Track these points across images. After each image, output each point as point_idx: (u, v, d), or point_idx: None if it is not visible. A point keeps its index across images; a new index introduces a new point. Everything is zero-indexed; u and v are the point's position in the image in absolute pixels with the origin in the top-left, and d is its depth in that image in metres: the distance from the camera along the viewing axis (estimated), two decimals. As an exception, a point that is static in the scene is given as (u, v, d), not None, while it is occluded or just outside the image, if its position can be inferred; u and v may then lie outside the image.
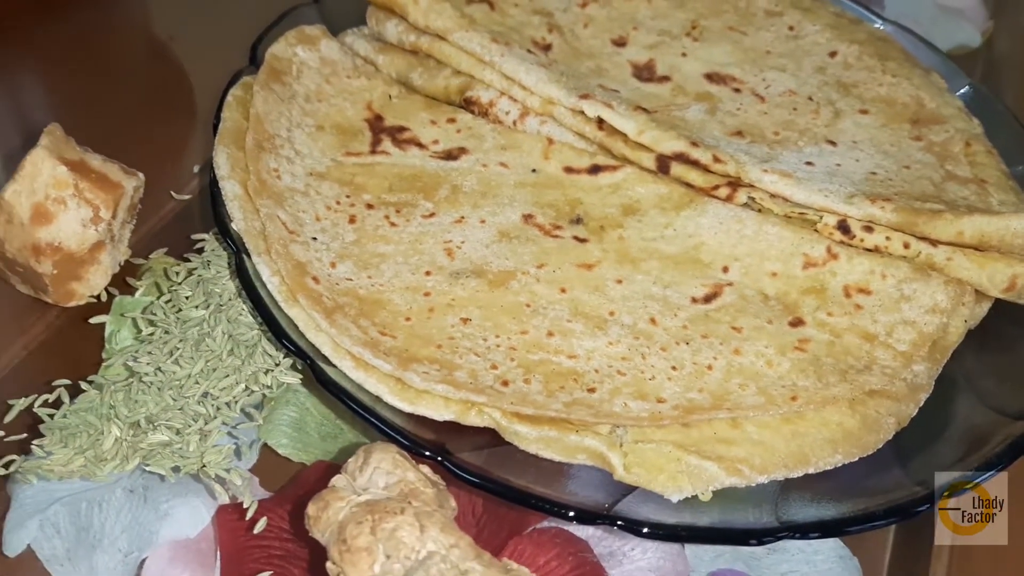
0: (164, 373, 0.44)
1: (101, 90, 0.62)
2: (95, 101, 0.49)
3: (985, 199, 0.53)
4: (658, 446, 0.42)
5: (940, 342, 0.48)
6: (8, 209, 0.43)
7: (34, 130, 0.60)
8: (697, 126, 0.56)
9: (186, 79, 0.64)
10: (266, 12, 0.59)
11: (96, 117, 0.49)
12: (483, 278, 0.48)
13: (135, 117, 0.60)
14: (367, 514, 0.34)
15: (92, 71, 0.65)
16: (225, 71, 0.55)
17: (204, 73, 0.62)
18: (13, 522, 0.43)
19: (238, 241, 0.46)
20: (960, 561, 0.44)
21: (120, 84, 0.63)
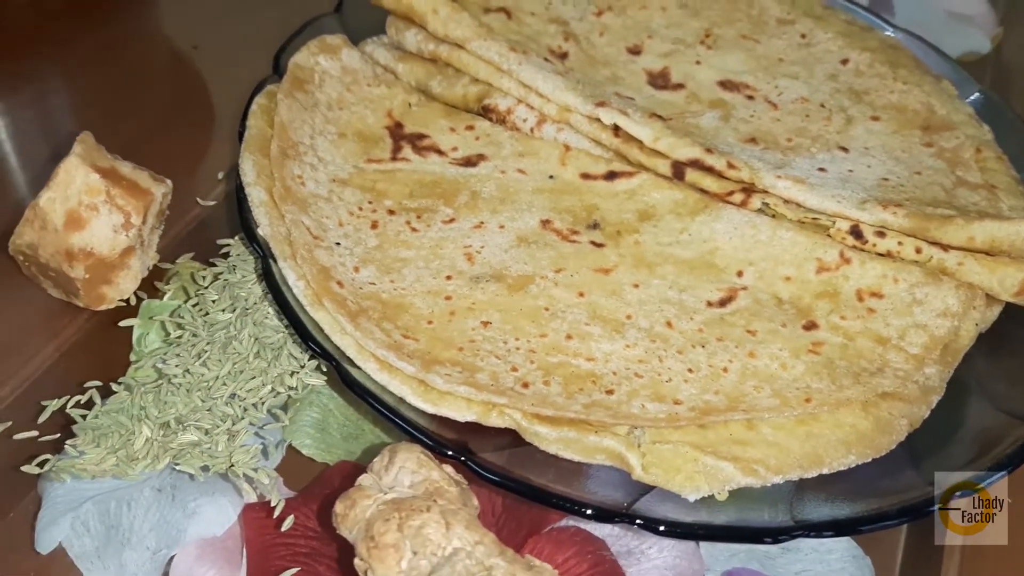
0: (192, 375, 0.45)
1: (129, 99, 0.63)
2: (123, 110, 0.50)
3: (996, 204, 0.53)
4: (675, 447, 0.43)
5: (952, 345, 0.48)
6: (43, 216, 0.44)
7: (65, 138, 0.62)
8: (711, 133, 0.57)
9: (210, 88, 0.65)
10: (288, 22, 0.60)
11: (124, 125, 0.50)
12: (503, 282, 0.49)
13: (162, 125, 0.61)
14: (394, 511, 0.35)
15: (120, 81, 0.66)
16: (248, 80, 0.56)
17: (227, 82, 0.63)
18: (45, 520, 0.44)
19: (264, 246, 0.47)
20: (971, 561, 0.45)
21: (147, 93, 0.65)
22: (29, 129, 0.62)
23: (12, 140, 0.61)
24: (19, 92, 0.64)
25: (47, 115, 0.64)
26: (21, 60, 0.66)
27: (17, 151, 0.60)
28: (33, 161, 0.60)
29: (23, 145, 0.61)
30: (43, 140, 0.62)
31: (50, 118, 0.65)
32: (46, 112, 0.65)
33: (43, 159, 0.60)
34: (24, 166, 0.60)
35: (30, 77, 0.65)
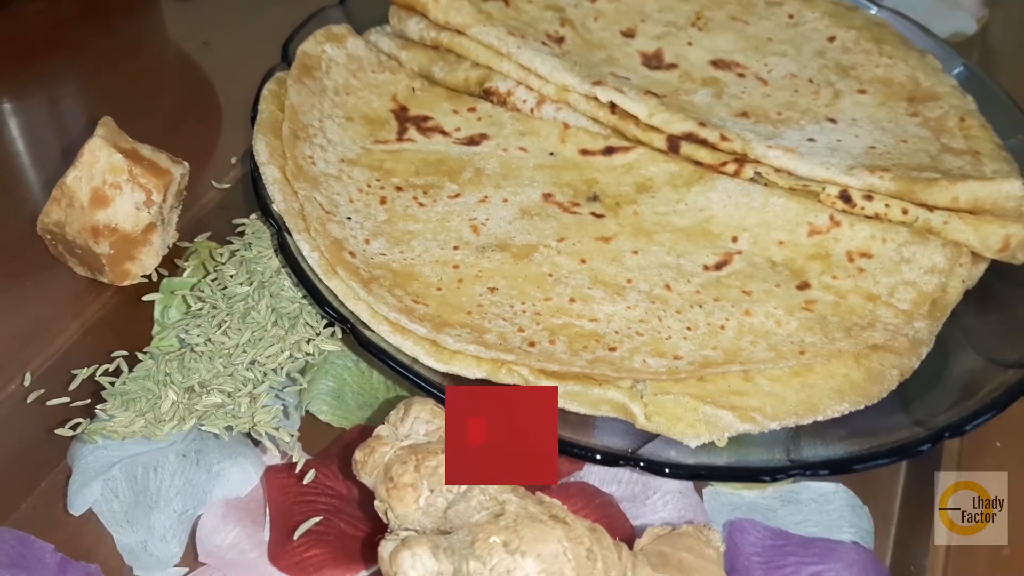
0: (214, 343, 0.47)
1: (142, 97, 0.66)
2: (136, 107, 0.52)
3: (979, 168, 0.56)
4: (676, 397, 0.45)
5: (939, 301, 0.50)
6: (69, 194, 0.46)
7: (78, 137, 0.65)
8: (704, 109, 0.60)
9: (221, 81, 0.68)
10: (293, 18, 0.62)
11: (138, 121, 0.52)
12: (507, 251, 0.51)
13: (175, 118, 0.64)
14: (411, 455, 0.38)
15: (132, 80, 0.68)
16: (256, 73, 0.59)
17: (237, 75, 0.66)
18: (77, 484, 0.46)
19: (279, 221, 0.49)
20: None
21: (159, 89, 0.67)
22: (43, 130, 0.65)
23: (26, 140, 0.63)
24: (34, 95, 0.67)
25: (61, 116, 0.67)
26: (36, 64, 0.68)
27: (32, 151, 0.63)
28: (47, 161, 0.62)
29: (37, 145, 0.63)
30: (57, 140, 0.65)
31: (64, 119, 0.67)
32: (60, 113, 0.67)
33: (56, 159, 0.62)
34: (38, 165, 0.62)
35: (44, 80, 0.67)
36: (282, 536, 0.44)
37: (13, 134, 0.64)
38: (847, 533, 0.46)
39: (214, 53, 0.70)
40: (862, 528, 0.46)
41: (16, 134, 0.64)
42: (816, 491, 0.48)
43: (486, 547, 0.34)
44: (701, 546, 0.38)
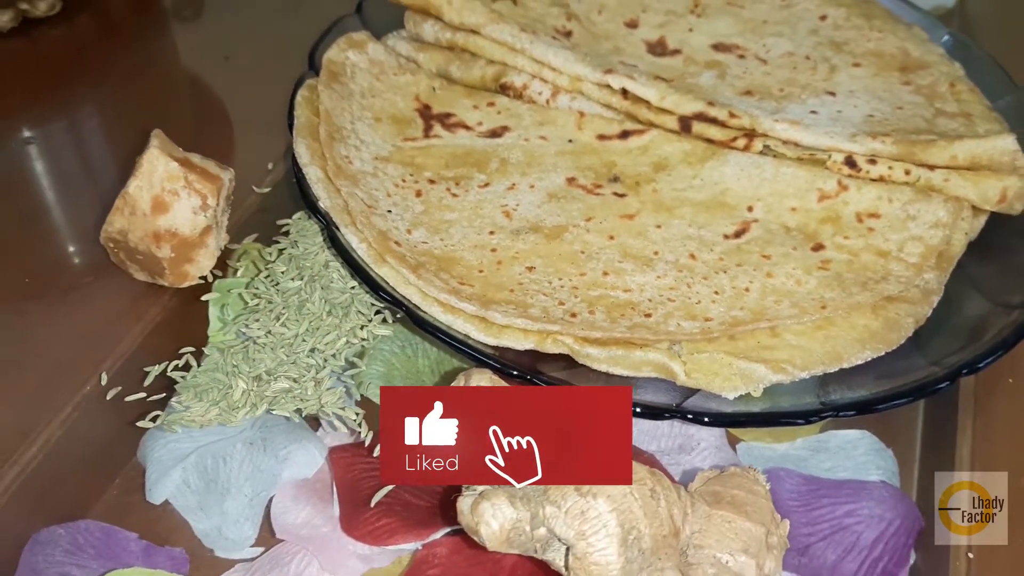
0: (274, 335, 0.50)
1: (166, 113, 0.69)
2: (161, 124, 0.55)
3: (972, 129, 0.59)
4: (711, 355, 0.48)
5: (945, 252, 0.54)
6: (132, 202, 0.49)
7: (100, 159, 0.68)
8: (710, 90, 0.63)
9: (244, 90, 0.71)
10: (304, 30, 0.66)
11: (173, 130, 0.55)
12: (540, 233, 0.54)
13: (207, 126, 0.67)
14: (479, 417, 0.41)
15: (154, 98, 0.71)
16: (279, 82, 0.62)
17: (262, 85, 0.69)
18: (155, 475, 0.49)
19: (327, 217, 0.52)
20: (982, 440, 0.50)
21: (188, 100, 0.70)
22: (66, 154, 0.67)
23: (49, 164, 0.66)
24: (56, 119, 0.70)
25: (83, 139, 0.70)
26: (60, 88, 0.71)
27: (54, 175, 0.66)
28: (71, 184, 0.65)
29: (60, 169, 0.66)
30: (79, 164, 0.67)
31: (86, 142, 0.70)
32: (82, 137, 0.70)
33: (81, 182, 0.65)
34: (60, 188, 0.65)
35: (66, 106, 0.70)
36: (353, 509, 0.47)
37: (48, 156, 0.66)
38: (874, 474, 0.50)
39: (237, 65, 0.73)
40: (888, 469, 0.50)
41: (51, 155, 0.67)
42: (842, 439, 0.52)
43: (559, 492, 0.37)
44: (750, 484, 0.41)
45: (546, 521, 0.37)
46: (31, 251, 0.57)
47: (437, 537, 0.46)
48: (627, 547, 0.36)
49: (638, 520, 0.37)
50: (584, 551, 0.36)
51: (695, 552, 0.38)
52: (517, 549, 0.38)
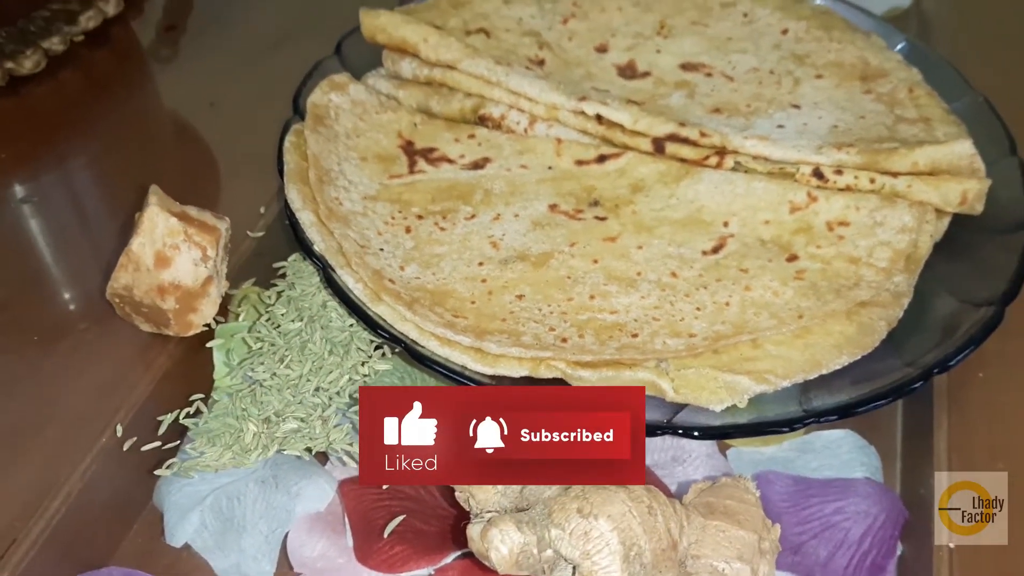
0: (279, 376, 0.53)
1: (163, 156, 0.71)
2: (161, 166, 0.57)
3: (932, 133, 0.62)
4: (698, 370, 0.51)
5: (913, 255, 0.57)
6: (135, 259, 0.51)
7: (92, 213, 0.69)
8: (681, 110, 0.66)
9: (231, 136, 0.73)
10: (287, 71, 0.68)
11: (166, 180, 0.57)
12: (527, 261, 0.57)
13: (198, 173, 0.69)
14: (482, 448, 0.43)
15: (142, 149, 0.73)
16: (264, 127, 0.64)
17: (247, 131, 0.71)
18: (174, 518, 0.50)
19: (322, 259, 0.55)
20: (958, 435, 0.52)
21: (177, 148, 0.73)
22: (63, 211, 0.69)
23: (47, 222, 0.67)
24: (49, 177, 0.71)
25: (78, 195, 0.71)
26: (46, 147, 0.73)
27: (52, 232, 0.67)
28: (70, 241, 0.67)
29: (58, 227, 0.68)
30: (76, 220, 0.69)
31: (81, 197, 0.71)
32: (76, 193, 0.71)
33: (79, 238, 0.67)
34: (59, 245, 0.66)
35: (58, 163, 0.72)
36: (366, 539, 0.49)
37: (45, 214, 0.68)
38: (859, 471, 0.52)
39: (221, 111, 0.75)
40: (871, 465, 0.52)
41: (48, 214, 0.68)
42: (827, 439, 0.54)
43: (563, 515, 0.39)
44: (741, 493, 0.44)
45: (552, 543, 0.39)
46: (38, 310, 0.59)
47: (448, 561, 0.48)
48: (629, 563, 0.38)
49: (638, 536, 0.39)
50: (590, 570, 0.38)
51: (693, 562, 0.41)
52: (527, 571, 0.40)
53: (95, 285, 0.58)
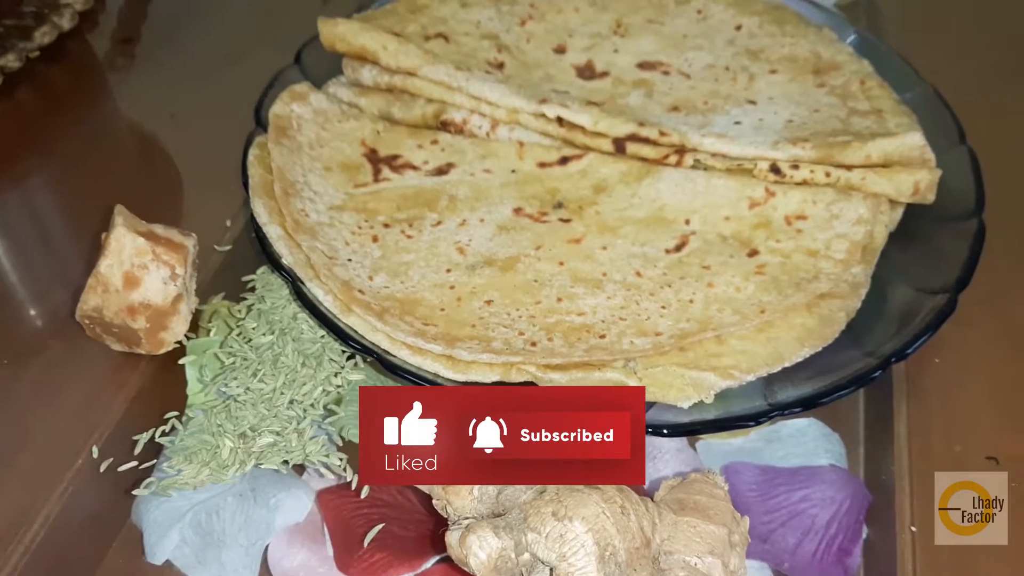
0: (253, 391, 0.53)
1: (125, 172, 0.70)
2: (124, 183, 0.57)
3: (884, 125, 0.64)
4: (664, 368, 0.52)
5: (869, 246, 0.58)
6: (104, 281, 0.51)
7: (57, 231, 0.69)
8: (640, 109, 0.67)
9: (193, 148, 0.73)
10: (248, 81, 0.68)
11: (130, 197, 0.57)
12: (494, 266, 0.58)
13: (160, 191, 0.69)
14: (457, 455, 0.44)
15: (102, 165, 0.72)
16: (226, 137, 0.64)
17: (210, 142, 0.71)
18: (154, 536, 0.51)
19: (291, 273, 0.55)
20: (916, 419, 0.54)
21: (139, 163, 0.72)
22: (26, 233, 0.69)
23: (10, 244, 0.67)
24: (8, 194, 0.71)
25: (41, 216, 0.71)
26: (6, 165, 0.72)
27: (16, 254, 0.67)
28: (35, 262, 0.66)
29: (22, 248, 0.67)
30: (40, 241, 0.69)
31: (44, 218, 0.71)
32: (39, 213, 0.71)
33: (44, 259, 0.66)
34: (24, 267, 0.66)
35: (18, 183, 0.71)
36: (346, 548, 0.50)
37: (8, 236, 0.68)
38: (824, 458, 0.54)
39: (182, 124, 0.75)
40: (836, 452, 0.54)
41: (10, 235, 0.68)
42: (793, 427, 0.56)
43: (539, 519, 0.40)
44: (710, 488, 0.45)
45: (529, 547, 0.40)
46: (6, 332, 0.59)
47: (428, 566, 0.49)
48: (604, 563, 0.40)
49: (612, 537, 0.40)
50: (566, 571, 0.39)
51: (666, 558, 0.42)
52: (505, 575, 0.41)
53: (64, 306, 0.58)
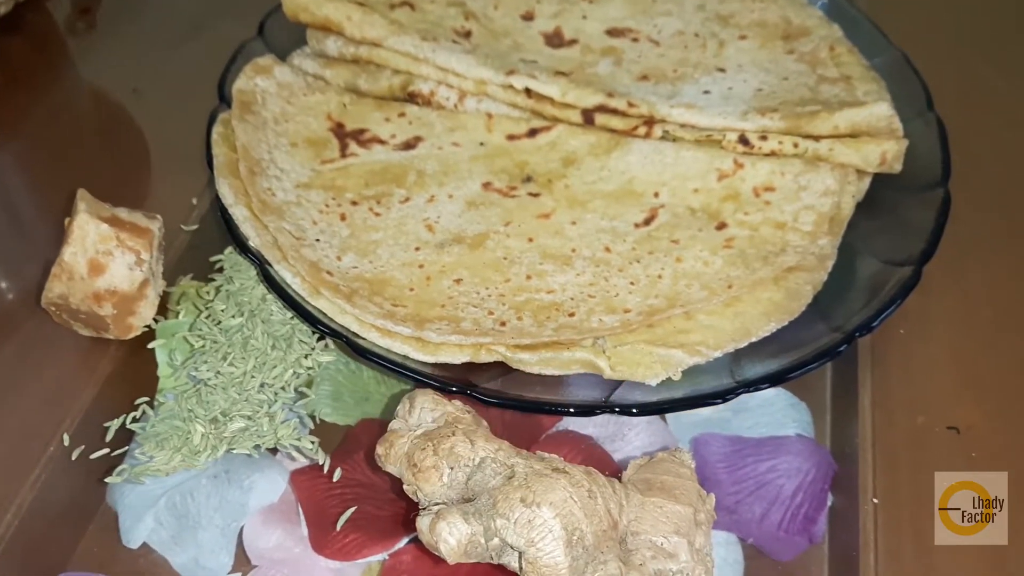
0: (223, 375, 0.53)
1: (83, 157, 0.69)
2: (79, 169, 0.56)
3: (853, 93, 0.63)
4: (633, 346, 0.52)
5: (836, 217, 0.58)
6: (68, 269, 0.51)
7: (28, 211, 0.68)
8: (609, 78, 0.66)
9: (156, 123, 0.71)
10: (212, 52, 0.67)
11: (93, 177, 0.56)
12: (463, 243, 0.57)
13: (125, 169, 0.68)
14: (427, 441, 0.44)
15: (68, 142, 0.71)
16: (190, 112, 0.63)
17: (173, 117, 0.70)
18: (129, 520, 0.51)
19: (258, 255, 0.55)
20: (880, 389, 0.55)
21: (102, 141, 0.71)
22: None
23: None
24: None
25: (4, 197, 0.70)
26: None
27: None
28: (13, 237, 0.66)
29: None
30: (5, 224, 0.68)
31: (8, 199, 0.70)
32: (3, 194, 0.70)
33: (9, 243, 0.65)
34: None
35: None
36: (320, 528, 0.51)
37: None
38: (791, 428, 0.54)
39: (145, 99, 0.74)
40: (803, 422, 0.55)
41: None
42: (761, 398, 0.56)
43: (507, 505, 0.41)
44: (676, 467, 0.46)
45: (498, 532, 0.41)
46: (-29, 321, 0.58)
47: (401, 546, 0.50)
48: (572, 547, 0.40)
49: (579, 521, 0.41)
50: (535, 556, 0.40)
51: (633, 539, 0.43)
52: (475, 559, 0.42)
53: (31, 291, 0.57)
